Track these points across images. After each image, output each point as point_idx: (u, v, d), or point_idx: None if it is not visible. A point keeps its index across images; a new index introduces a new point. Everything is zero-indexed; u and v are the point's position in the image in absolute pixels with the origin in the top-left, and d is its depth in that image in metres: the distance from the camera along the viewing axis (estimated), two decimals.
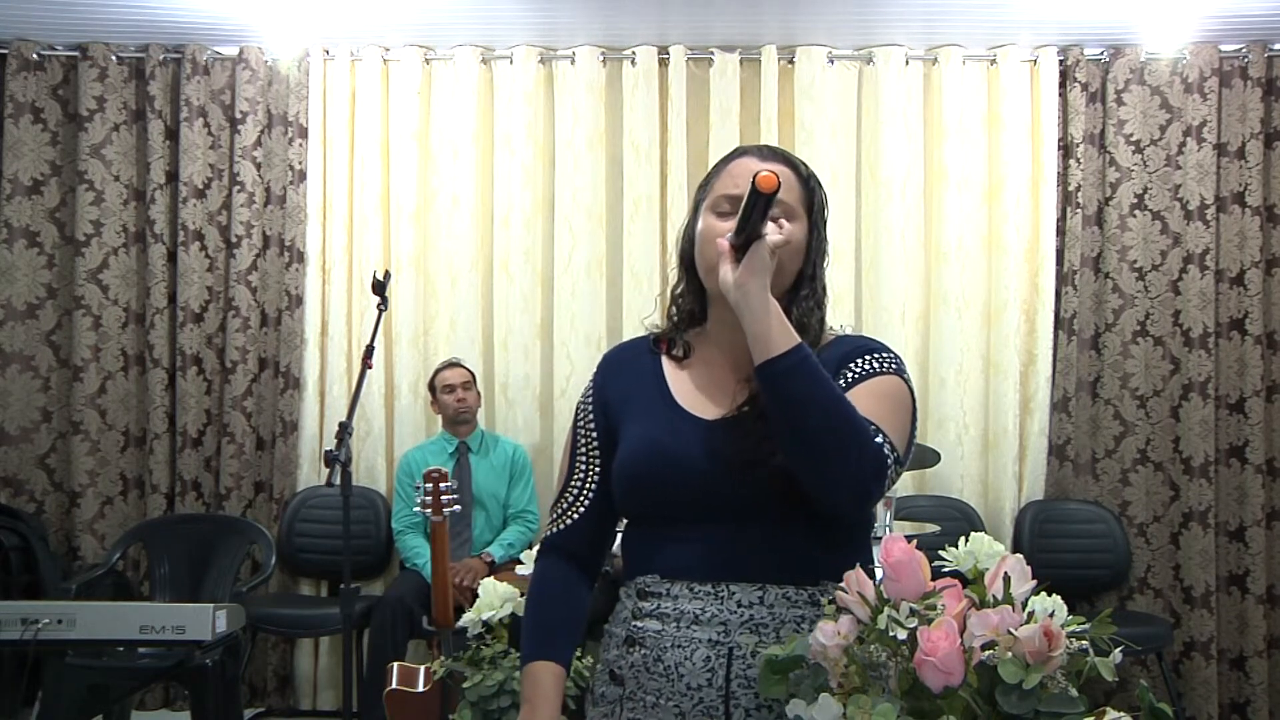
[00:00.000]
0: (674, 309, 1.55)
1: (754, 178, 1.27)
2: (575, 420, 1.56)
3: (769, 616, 1.38)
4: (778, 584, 1.39)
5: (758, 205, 1.29)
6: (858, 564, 1.45)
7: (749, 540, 1.39)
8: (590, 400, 1.55)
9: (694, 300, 1.52)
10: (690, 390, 1.49)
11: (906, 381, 1.45)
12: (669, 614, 1.40)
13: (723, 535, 1.40)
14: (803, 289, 1.46)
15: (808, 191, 1.47)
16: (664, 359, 1.53)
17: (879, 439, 1.32)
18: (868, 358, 1.44)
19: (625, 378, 1.54)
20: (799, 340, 1.32)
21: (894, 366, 1.45)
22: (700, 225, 1.46)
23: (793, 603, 1.39)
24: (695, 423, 1.45)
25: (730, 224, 1.38)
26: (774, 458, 1.35)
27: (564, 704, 1.56)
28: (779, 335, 1.30)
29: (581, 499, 1.52)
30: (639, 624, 1.43)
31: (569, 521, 1.52)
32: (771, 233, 1.34)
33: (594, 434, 1.52)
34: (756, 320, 1.31)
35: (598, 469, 1.51)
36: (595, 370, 1.59)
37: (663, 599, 1.41)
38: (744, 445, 1.38)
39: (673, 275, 1.56)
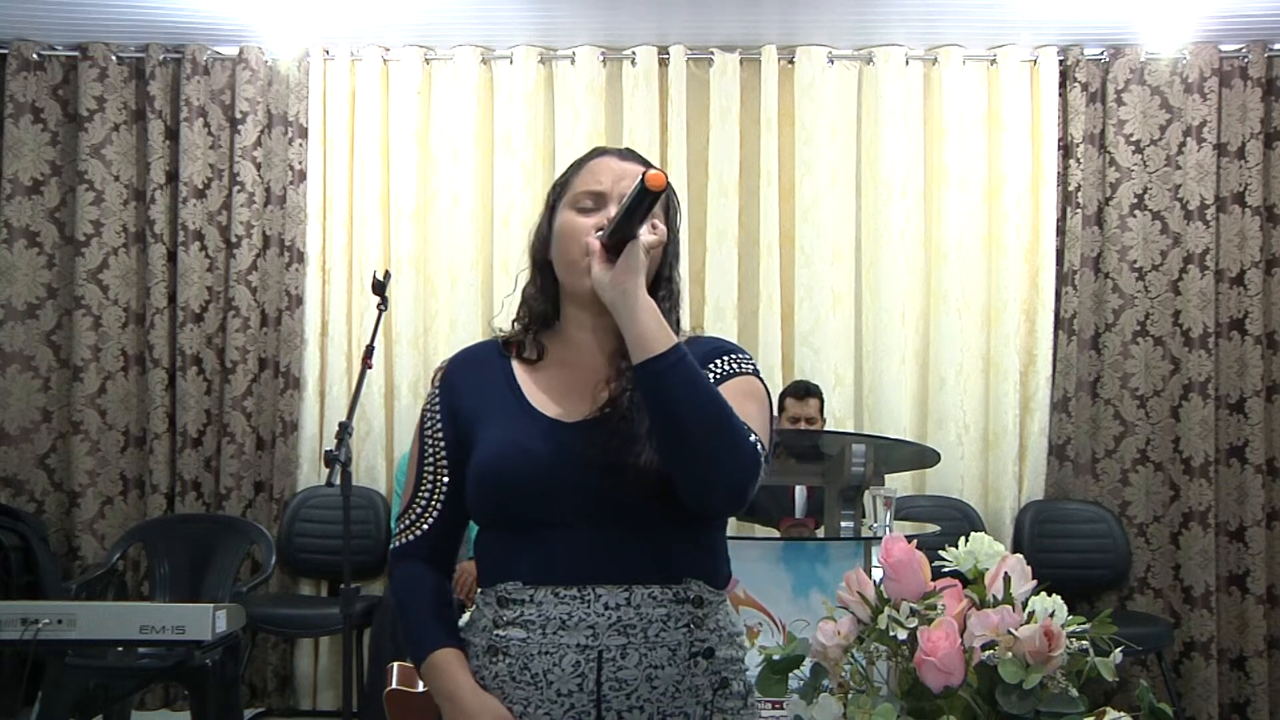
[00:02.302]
0: (524, 311, 1.52)
1: (643, 176, 1.27)
2: (421, 429, 1.52)
3: (636, 617, 1.37)
4: (643, 584, 1.38)
5: (643, 204, 1.29)
6: (717, 561, 1.46)
7: (613, 541, 1.38)
8: (436, 408, 1.51)
9: (546, 301, 1.50)
10: (545, 392, 1.46)
11: (763, 382, 1.48)
12: (534, 620, 1.38)
13: (586, 538, 1.38)
14: (660, 289, 1.45)
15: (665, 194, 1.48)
16: (514, 362, 1.50)
17: (752, 438, 1.33)
18: (727, 358, 1.46)
19: (474, 383, 1.50)
20: (676, 340, 1.32)
21: (751, 367, 1.47)
22: (559, 221, 1.45)
23: (659, 602, 1.38)
24: (554, 425, 1.42)
25: (593, 220, 1.39)
26: (639, 458, 1.35)
27: None
28: (658, 334, 1.31)
29: (431, 509, 1.49)
30: (501, 632, 1.40)
31: (419, 532, 1.49)
32: (646, 233, 1.34)
33: (441, 443, 1.49)
34: (635, 320, 1.31)
35: (446, 478, 1.48)
36: (439, 376, 1.56)
37: (526, 605, 1.38)
38: (608, 446, 1.37)
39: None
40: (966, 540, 1.85)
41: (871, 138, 4.70)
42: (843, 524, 3.33)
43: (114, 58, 4.73)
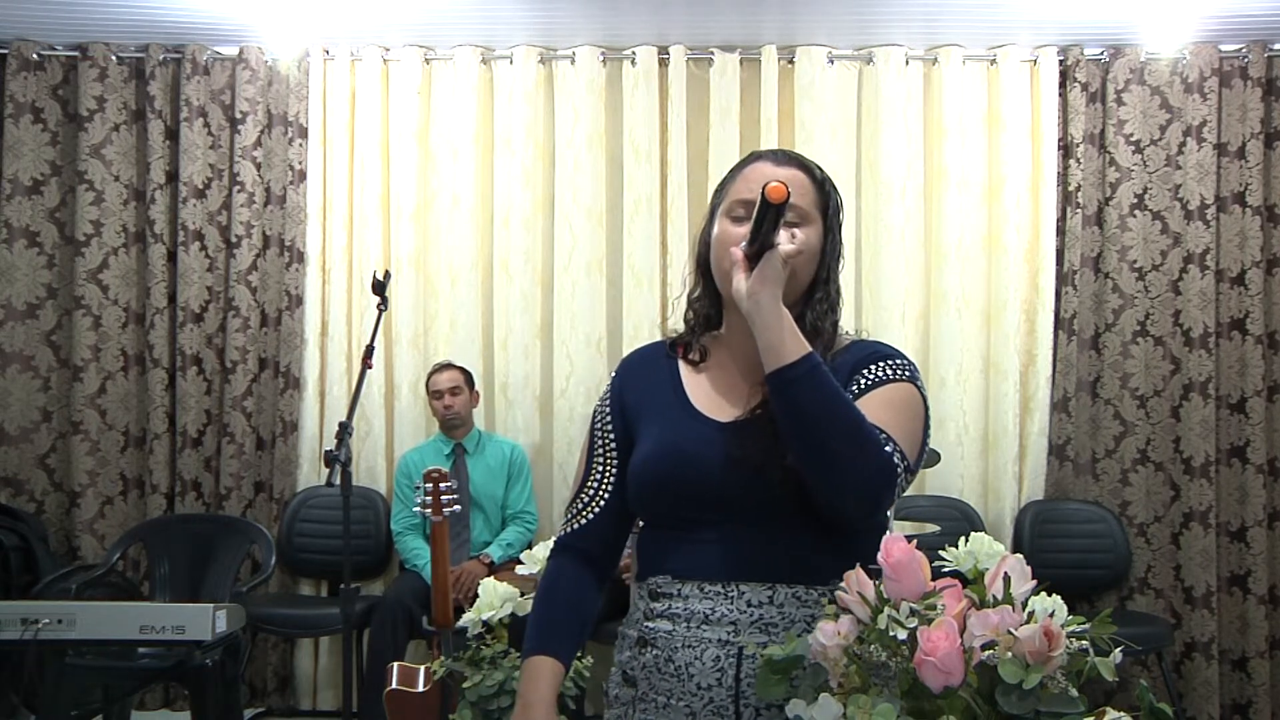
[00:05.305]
0: (690, 313, 1.56)
1: (763, 188, 1.28)
2: (593, 422, 1.58)
3: (778, 616, 1.39)
4: (788, 584, 1.40)
5: (768, 216, 1.30)
6: (859, 565, 1.47)
7: (760, 540, 1.40)
8: (608, 403, 1.56)
9: (710, 304, 1.54)
10: (705, 393, 1.50)
11: (920, 388, 1.45)
12: (680, 614, 1.42)
13: (734, 536, 1.41)
14: (816, 292, 1.47)
15: (822, 195, 1.48)
16: (680, 363, 1.54)
17: (889, 448, 1.33)
18: (881, 364, 1.45)
19: (643, 381, 1.55)
20: (809, 349, 1.33)
21: (907, 374, 1.45)
22: (715, 230, 1.48)
23: (803, 602, 1.40)
24: (710, 425, 1.46)
25: (745, 229, 1.39)
26: (785, 459, 1.36)
27: (563, 704, 1.55)
28: (790, 344, 1.32)
29: (597, 499, 1.53)
30: (651, 625, 1.44)
31: (584, 521, 1.53)
32: (784, 242, 1.35)
33: (611, 436, 1.54)
34: (768, 329, 1.32)
35: (614, 471, 1.52)
36: (614, 373, 1.61)
37: (674, 599, 1.43)
38: (757, 447, 1.39)
39: (673, 276, 1.58)
40: (966, 540, 1.85)
41: (871, 138, 4.70)
42: None
43: (114, 58, 4.73)
